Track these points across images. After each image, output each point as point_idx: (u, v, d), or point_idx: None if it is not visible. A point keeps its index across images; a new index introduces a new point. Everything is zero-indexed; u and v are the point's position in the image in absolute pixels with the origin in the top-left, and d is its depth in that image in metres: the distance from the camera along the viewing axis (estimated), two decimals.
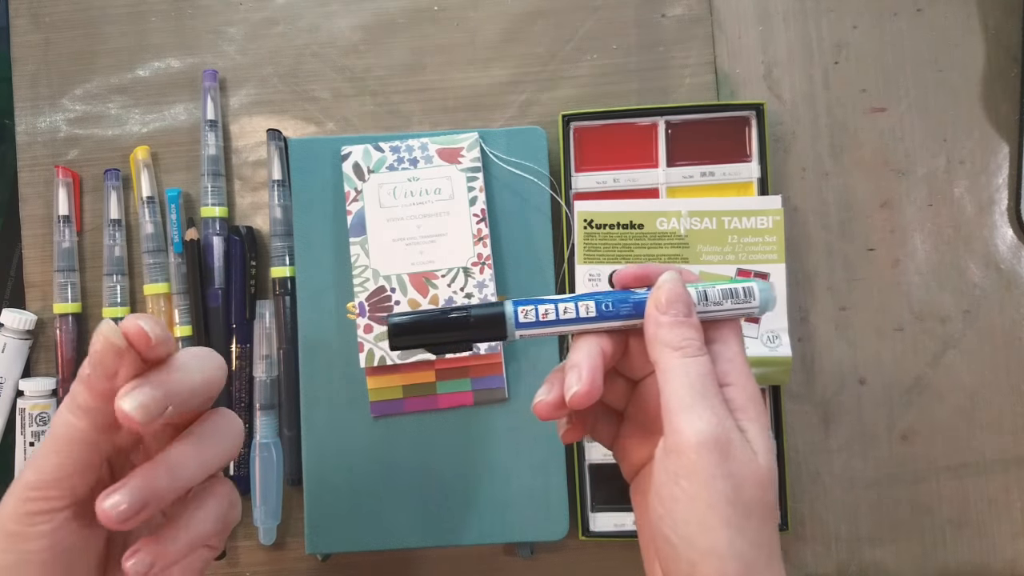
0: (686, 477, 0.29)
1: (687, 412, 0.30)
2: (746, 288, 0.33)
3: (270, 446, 0.53)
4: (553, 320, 0.33)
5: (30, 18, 0.57)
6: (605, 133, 0.54)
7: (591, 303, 0.33)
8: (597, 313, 0.33)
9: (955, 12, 0.56)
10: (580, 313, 0.33)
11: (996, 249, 0.55)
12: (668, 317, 0.32)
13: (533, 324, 0.33)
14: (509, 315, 0.33)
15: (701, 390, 0.30)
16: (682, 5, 0.56)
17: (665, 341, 0.31)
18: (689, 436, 0.29)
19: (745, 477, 0.29)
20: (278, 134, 0.55)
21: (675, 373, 0.31)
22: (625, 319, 0.33)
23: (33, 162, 0.57)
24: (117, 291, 0.55)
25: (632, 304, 0.33)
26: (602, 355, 0.33)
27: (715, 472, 0.29)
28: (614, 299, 0.33)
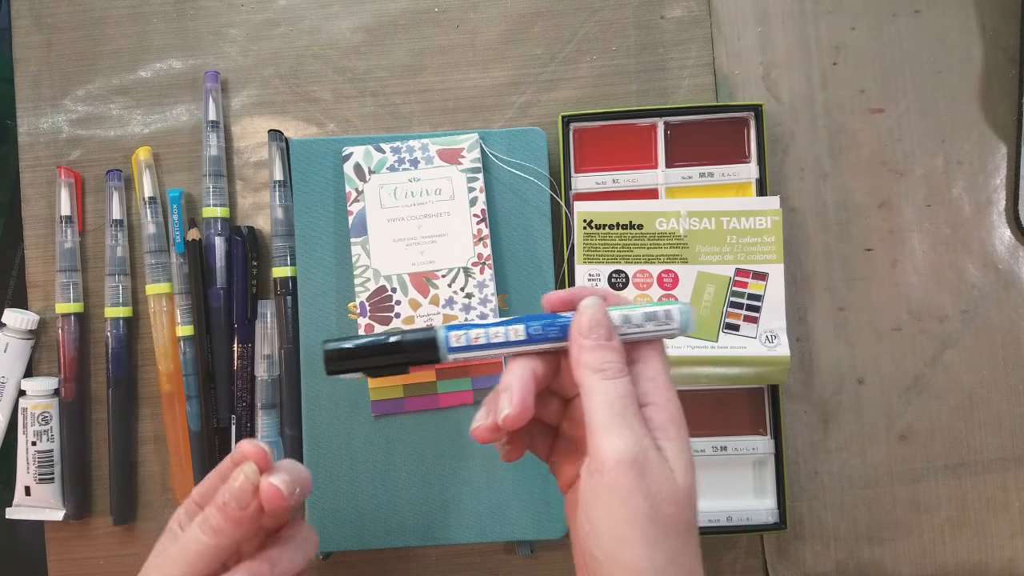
0: (606, 495, 0.31)
1: (606, 432, 0.31)
2: (666, 311, 0.34)
3: (271, 445, 0.53)
4: (484, 344, 0.35)
5: (32, 19, 0.57)
6: (605, 134, 0.54)
7: (520, 327, 0.34)
8: (526, 336, 0.34)
9: (953, 13, 0.56)
10: (509, 337, 0.35)
11: (994, 249, 0.55)
12: (590, 340, 0.33)
13: (465, 348, 0.35)
14: (441, 340, 0.35)
15: (620, 411, 0.32)
16: (681, 7, 0.56)
17: (587, 363, 0.33)
18: (608, 455, 0.31)
19: (662, 495, 0.31)
20: (279, 135, 0.55)
21: (596, 394, 0.32)
22: (554, 341, 0.34)
23: (35, 163, 0.57)
24: (119, 291, 0.55)
25: (559, 327, 0.34)
26: (533, 376, 0.34)
27: (633, 490, 0.30)
28: (543, 323, 0.34)
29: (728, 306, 0.51)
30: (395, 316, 0.51)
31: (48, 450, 0.54)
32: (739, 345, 0.51)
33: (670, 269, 0.52)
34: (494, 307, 0.51)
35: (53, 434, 0.54)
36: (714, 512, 0.52)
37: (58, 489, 0.54)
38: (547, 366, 0.35)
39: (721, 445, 0.52)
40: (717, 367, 0.51)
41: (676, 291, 0.52)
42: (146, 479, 0.55)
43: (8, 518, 0.54)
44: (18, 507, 0.54)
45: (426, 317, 0.51)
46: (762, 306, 0.51)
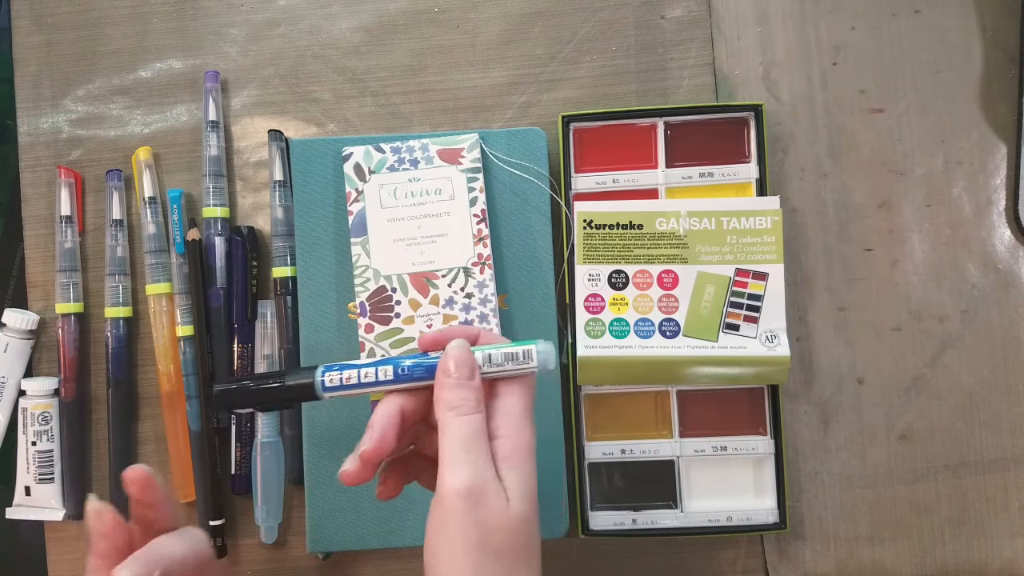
0: (443, 525, 0.33)
1: (451, 466, 0.34)
2: (524, 351, 0.37)
3: (271, 445, 0.53)
4: (355, 384, 0.37)
5: (32, 19, 0.57)
6: (605, 134, 0.54)
7: (389, 368, 0.37)
8: (394, 376, 0.37)
9: (953, 13, 0.56)
10: (379, 377, 0.37)
11: (994, 249, 0.55)
12: (451, 379, 0.36)
13: (339, 387, 0.38)
14: (318, 382, 0.37)
15: (468, 445, 0.34)
16: (681, 7, 0.56)
17: (444, 401, 0.35)
18: (448, 486, 0.33)
19: (495, 524, 0.33)
20: (279, 135, 0.55)
21: (448, 430, 0.35)
22: (420, 380, 0.37)
23: (35, 163, 0.57)
24: (119, 291, 0.55)
25: (425, 368, 0.37)
26: (399, 413, 0.37)
27: (466, 520, 0.32)
28: (410, 364, 0.37)
29: (728, 306, 0.51)
30: (395, 316, 0.51)
31: (48, 450, 0.54)
32: (739, 345, 0.51)
33: (670, 269, 0.52)
34: (494, 307, 0.51)
35: (53, 434, 0.54)
36: (714, 512, 0.52)
37: (58, 489, 0.54)
38: (418, 402, 0.38)
39: (721, 445, 0.52)
40: (717, 367, 0.51)
41: (676, 291, 0.52)
42: None
43: (8, 518, 0.54)
44: (18, 507, 0.54)
45: (426, 317, 0.51)
46: (762, 306, 0.51)
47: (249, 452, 0.54)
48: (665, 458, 0.53)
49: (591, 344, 0.51)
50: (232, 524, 0.55)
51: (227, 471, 0.54)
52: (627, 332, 0.52)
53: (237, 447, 0.54)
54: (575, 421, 0.53)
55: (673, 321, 0.51)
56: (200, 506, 0.54)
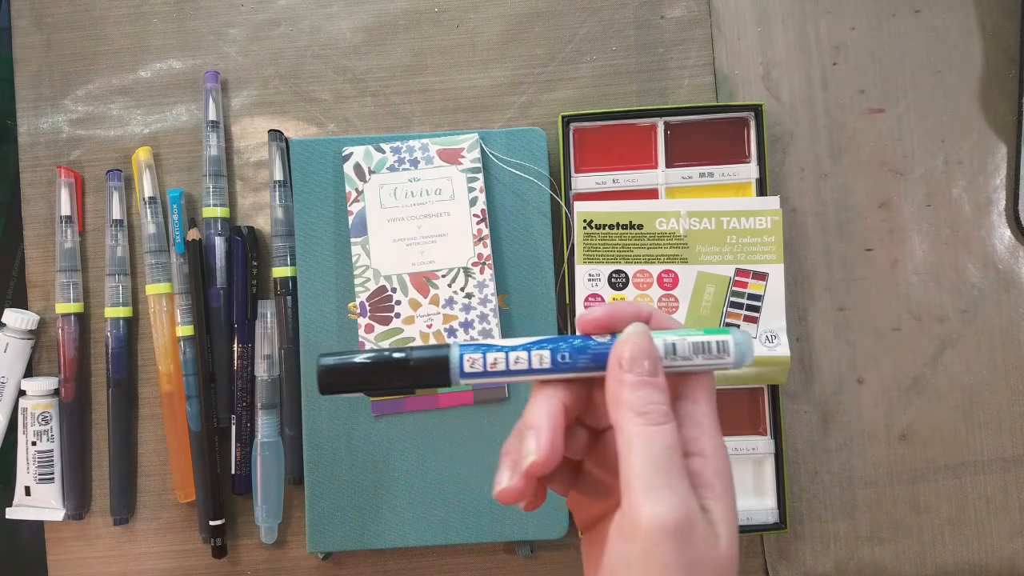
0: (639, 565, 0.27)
1: (646, 491, 0.27)
2: (720, 341, 0.30)
3: (271, 445, 0.53)
4: (502, 371, 0.30)
5: (32, 19, 0.57)
6: (604, 134, 0.54)
7: (546, 353, 0.30)
8: (551, 365, 0.30)
9: (953, 13, 0.56)
10: (533, 364, 0.30)
11: (994, 249, 0.55)
12: (632, 376, 0.29)
13: (479, 374, 0.30)
14: (453, 362, 0.30)
15: (665, 466, 0.27)
16: (681, 7, 0.56)
17: (628, 404, 0.28)
18: (647, 520, 0.26)
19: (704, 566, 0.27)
20: (279, 135, 0.55)
21: (637, 443, 0.28)
22: (582, 371, 0.30)
23: (35, 163, 0.57)
24: (119, 291, 0.55)
25: (591, 355, 0.30)
26: (563, 412, 0.30)
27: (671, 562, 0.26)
28: (571, 349, 0.30)
29: (728, 306, 0.51)
30: (395, 316, 0.51)
31: (48, 450, 0.54)
32: None
33: (670, 269, 0.52)
34: (494, 307, 0.51)
35: (53, 434, 0.54)
36: None
37: (58, 489, 0.54)
38: (577, 395, 0.31)
39: None
40: None
41: (676, 291, 0.52)
42: (146, 479, 0.55)
43: (8, 518, 0.54)
44: (18, 507, 0.54)
45: (426, 317, 0.51)
46: (762, 306, 0.51)
47: (249, 452, 0.54)
48: None
49: None
50: (232, 524, 0.55)
51: (227, 471, 0.54)
52: None
53: (237, 447, 0.54)
54: None
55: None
56: (200, 506, 0.54)
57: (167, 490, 0.55)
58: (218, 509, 0.53)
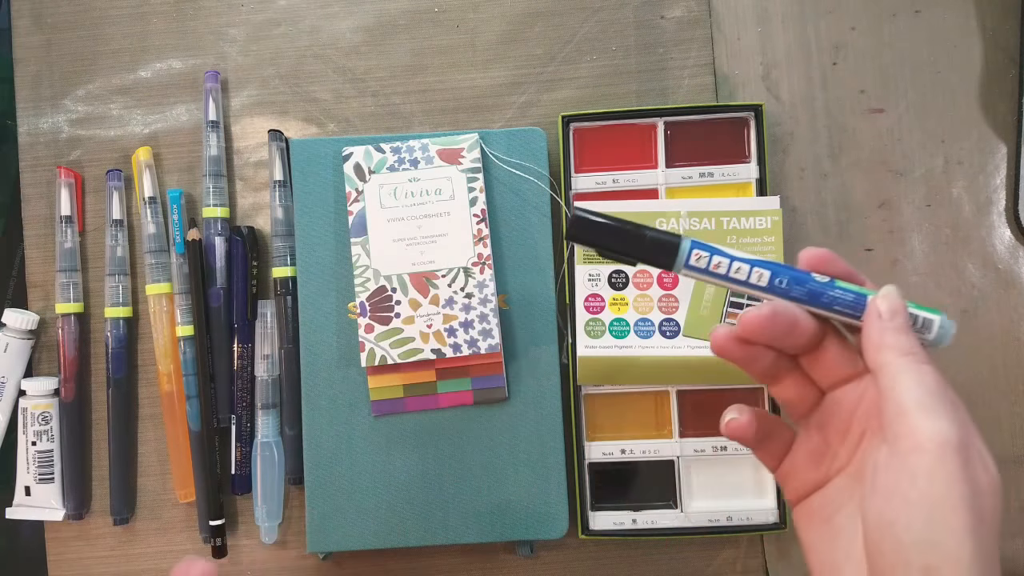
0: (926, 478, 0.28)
1: (927, 412, 0.28)
2: (925, 318, 0.32)
3: (271, 445, 0.53)
4: (722, 274, 0.32)
5: (32, 19, 0.57)
6: (604, 134, 0.54)
7: (766, 272, 0.32)
8: (767, 285, 0.32)
9: (953, 13, 0.56)
10: (750, 279, 0.32)
11: (994, 249, 0.55)
12: (892, 324, 0.31)
13: (701, 270, 0.32)
14: (683, 251, 0.32)
15: (939, 393, 0.29)
16: (681, 7, 0.56)
17: (894, 345, 0.30)
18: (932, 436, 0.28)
19: (982, 484, 0.29)
20: (279, 135, 0.55)
21: (909, 375, 0.29)
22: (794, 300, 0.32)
23: (35, 163, 0.57)
24: (119, 291, 0.55)
25: (807, 290, 0.32)
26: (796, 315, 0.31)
27: (958, 475, 0.28)
28: (790, 277, 0.32)
29: (728, 306, 0.51)
30: (395, 316, 0.51)
31: (48, 450, 0.54)
32: None
33: None
34: (494, 307, 0.51)
35: (53, 434, 0.54)
36: (714, 512, 0.52)
37: (58, 489, 0.54)
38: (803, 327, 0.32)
39: (721, 445, 0.52)
40: (717, 367, 0.51)
41: (676, 291, 0.52)
42: (146, 479, 0.55)
43: (8, 518, 0.54)
44: (18, 507, 0.54)
45: (426, 317, 0.51)
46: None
47: (249, 452, 0.54)
48: (665, 458, 0.53)
49: (591, 344, 0.51)
50: (232, 524, 0.55)
51: (227, 471, 0.54)
52: (627, 332, 0.52)
53: (237, 447, 0.54)
54: (575, 421, 0.53)
55: (673, 321, 0.51)
56: (200, 506, 0.54)
57: (167, 490, 0.55)
58: (218, 509, 0.53)
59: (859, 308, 0.32)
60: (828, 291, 0.32)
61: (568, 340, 0.53)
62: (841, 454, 0.32)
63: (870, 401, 0.32)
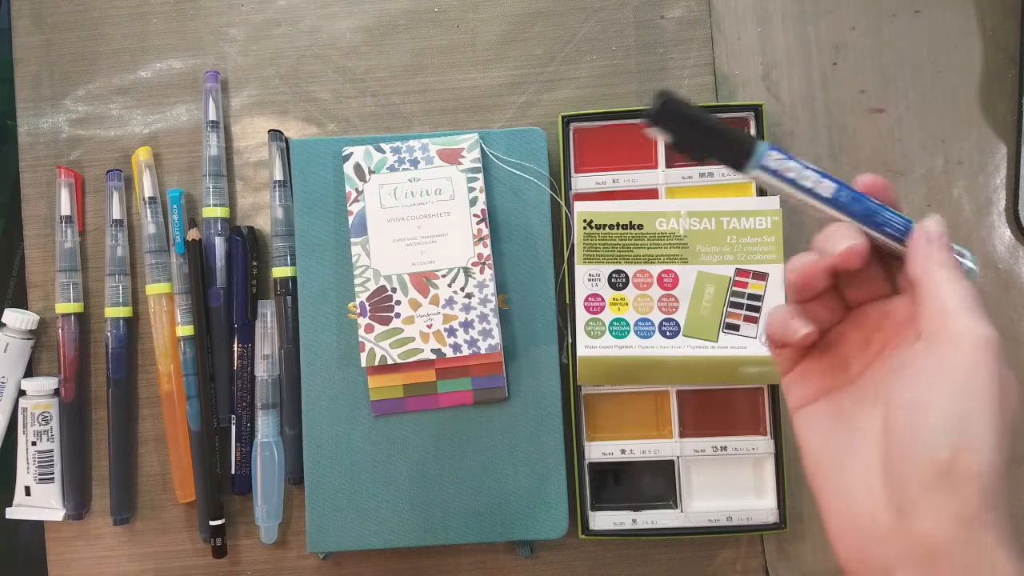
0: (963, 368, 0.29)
1: (970, 313, 0.30)
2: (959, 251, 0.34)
3: (271, 445, 0.53)
4: (791, 179, 0.33)
5: (32, 19, 0.57)
6: (604, 134, 0.54)
7: (832, 185, 0.33)
8: (831, 196, 0.33)
9: (953, 13, 0.56)
10: (818, 190, 0.33)
11: (994, 249, 0.55)
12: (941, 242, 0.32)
13: (774, 172, 0.33)
14: (759, 151, 0.33)
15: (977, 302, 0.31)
16: (681, 7, 0.56)
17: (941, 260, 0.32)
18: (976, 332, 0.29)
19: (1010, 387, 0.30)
20: (279, 135, 0.55)
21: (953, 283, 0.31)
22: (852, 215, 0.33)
23: (35, 163, 0.57)
24: (119, 291, 0.55)
25: (863, 207, 0.33)
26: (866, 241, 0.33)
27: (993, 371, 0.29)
28: (853, 195, 0.33)
29: (728, 306, 0.51)
30: (395, 316, 0.51)
31: (48, 450, 0.54)
32: (739, 345, 0.51)
33: (670, 269, 0.52)
34: (494, 307, 0.51)
35: (53, 434, 0.54)
36: (714, 512, 0.52)
37: (58, 489, 0.54)
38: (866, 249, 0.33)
39: (721, 445, 0.52)
40: (717, 367, 0.51)
41: (676, 291, 0.52)
42: (146, 479, 0.55)
43: (8, 518, 0.54)
44: (18, 507, 0.54)
45: (426, 317, 0.51)
46: (762, 306, 0.51)
47: (249, 452, 0.54)
48: (665, 458, 0.53)
49: (591, 344, 0.51)
50: (232, 524, 0.55)
51: (227, 471, 0.54)
52: (627, 332, 0.52)
53: (237, 447, 0.54)
54: (575, 421, 0.53)
55: (673, 321, 0.51)
56: (200, 506, 0.54)
57: (167, 490, 0.55)
58: (218, 509, 0.53)
59: (906, 232, 0.33)
60: (882, 212, 0.33)
61: (568, 340, 0.53)
62: (854, 366, 0.34)
63: (900, 316, 0.33)
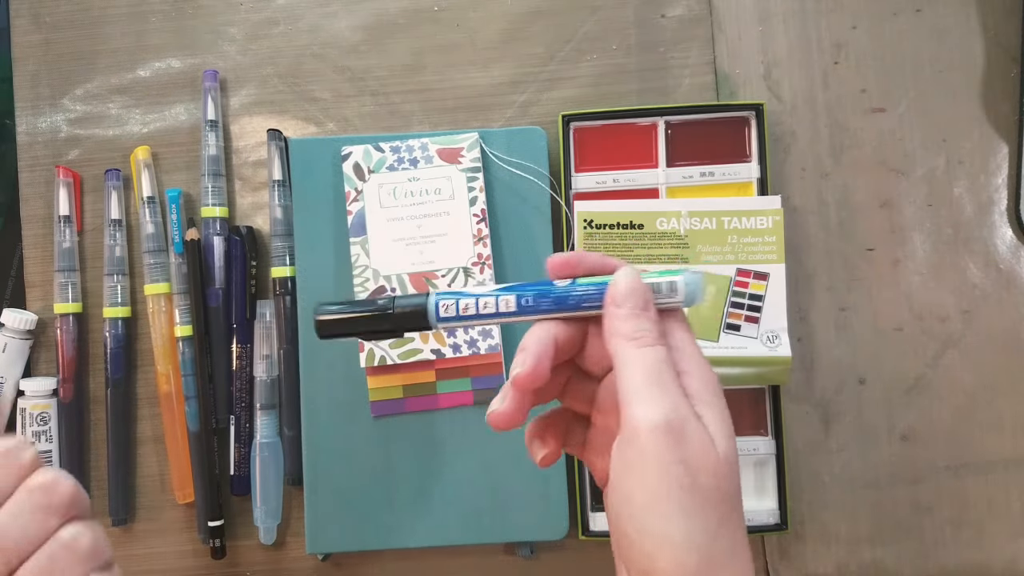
0: (640, 465, 0.28)
1: (641, 399, 0.29)
2: (669, 282, 0.32)
3: (270, 446, 0.53)
4: (473, 314, 0.33)
5: (31, 18, 0.57)
6: (605, 133, 0.54)
7: (511, 298, 0.33)
8: (517, 308, 0.33)
9: (955, 12, 0.56)
10: (500, 308, 0.33)
11: (995, 249, 0.55)
12: (625, 310, 0.31)
13: (454, 318, 0.33)
14: (431, 308, 0.33)
15: (656, 377, 0.30)
16: (682, 5, 0.56)
17: (620, 332, 0.31)
18: (642, 421, 0.29)
19: (700, 464, 0.28)
20: (278, 134, 0.55)
21: (630, 362, 0.30)
22: (545, 313, 0.33)
23: (34, 162, 0.57)
24: (118, 291, 0.55)
25: (552, 299, 0.33)
26: (553, 341, 0.32)
27: (668, 458, 0.28)
28: (535, 293, 0.33)
29: (729, 306, 0.51)
30: None
31: (47, 450, 0.54)
32: (740, 345, 0.51)
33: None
34: None
35: (52, 434, 0.54)
36: None
37: None
38: (570, 334, 0.33)
39: None
40: (718, 367, 0.51)
41: None
42: (145, 479, 0.55)
43: None
44: None
45: None
46: (763, 306, 0.51)
47: (248, 453, 0.54)
48: None
49: None
50: (231, 525, 0.55)
51: (226, 472, 0.54)
52: None
53: (236, 448, 0.54)
54: None
55: None
56: (199, 507, 0.54)
57: (166, 491, 0.55)
58: (217, 510, 0.53)
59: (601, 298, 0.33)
60: (571, 293, 0.33)
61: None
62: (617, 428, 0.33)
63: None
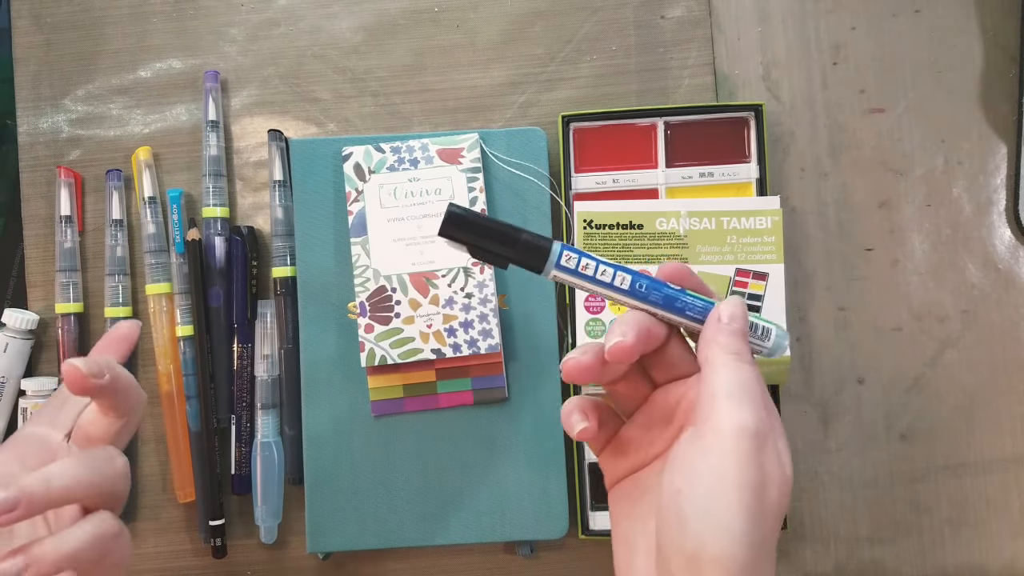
0: (718, 456, 0.30)
1: (735, 402, 0.31)
2: (765, 328, 0.35)
3: (271, 445, 0.53)
4: (589, 276, 0.34)
5: (32, 19, 0.57)
6: (605, 134, 0.54)
7: (627, 277, 0.34)
8: (628, 288, 0.34)
9: (953, 13, 0.56)
10: (614, 281, 0.34)
11: (994, 249, 0.55)
12: (730, 327, 0.33)
13: (571, 271, 0.34)
14: (553, 253, 0.34)
15: (751, 389, 0.31)
16: (681, 6, 0.56)
17: (722, 345, 0.32)
18: (733, 421, 0.30)
19: (773, 476, 0.30)
20: (279, 135, 0.55)
21: (728, 370, 0.31)
22: (652, 305, 0.34)
23: (35, 163, 0.57)
24: (119, 291, 0.55)
25: (663, 295, 0.34)
26: (648, 330, 0.33)
27: (750, 459, 0.29)
28: (649, 284, 0.34)
29: None
30: (395, 316, 0.51)
31: None
32: None
33: None
34: (494, 307, 0.51)
35: None
36: None
37: None
38: (658, 334, 0.34)
39: None
40: None
41: None
42: (146, 479, 0.55)
43: None
44: None
45: (426, 317, 0.51)
46: (762, 306, 0.51)
47: (249, 452, 0.54)
48: None
49: None
50: (232, 524, 0.55)
51: (227, 471, 0.54)
52: None
53: (237, 447, 0.54)
54: None
55: None
56: (200, 506, 0.54)
57: (167, 490, 0.55)
58: (218, 509, 0.53)
59: (706, 314, 0.34)
60: (681, 297, 0.34)
61: (568, 340, 0.53)
62: (658, 443, 0.35)
63: (694, 396, 0.33)
